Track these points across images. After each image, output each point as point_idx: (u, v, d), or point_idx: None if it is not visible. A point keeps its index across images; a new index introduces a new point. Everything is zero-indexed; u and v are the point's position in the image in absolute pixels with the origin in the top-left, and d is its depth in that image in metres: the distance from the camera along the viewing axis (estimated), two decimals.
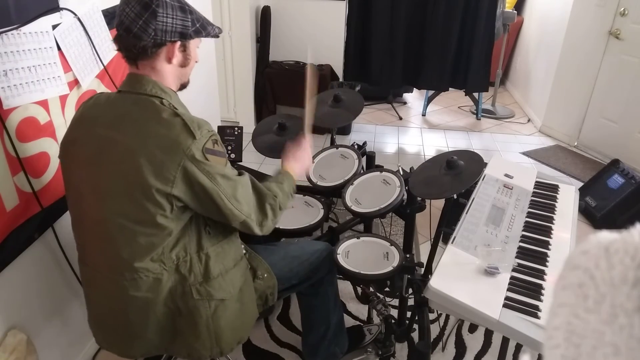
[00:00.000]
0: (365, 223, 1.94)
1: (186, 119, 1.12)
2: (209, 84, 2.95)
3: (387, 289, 1.64)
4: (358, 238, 1.62)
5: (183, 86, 1.29)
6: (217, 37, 1.28)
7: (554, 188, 1.77)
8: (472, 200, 1.58)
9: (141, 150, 1.09)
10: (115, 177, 1.12)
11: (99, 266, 1.22)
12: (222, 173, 1.16)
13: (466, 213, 1.52)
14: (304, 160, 1.56)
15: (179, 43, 1.17)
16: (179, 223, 1.17)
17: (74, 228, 1.27)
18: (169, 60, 1.18)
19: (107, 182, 1.13)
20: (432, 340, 1.96)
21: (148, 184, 1.08)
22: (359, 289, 2.25)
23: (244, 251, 1.41)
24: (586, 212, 2.92)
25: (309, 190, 1.85)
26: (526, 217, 1.56)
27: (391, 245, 1.58)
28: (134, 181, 1.10)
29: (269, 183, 1.34)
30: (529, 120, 4.52)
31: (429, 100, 4.62)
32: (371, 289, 1.90)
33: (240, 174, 1.24)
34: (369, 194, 1.69)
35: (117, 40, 1.15)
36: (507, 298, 1.22)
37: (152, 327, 1.23)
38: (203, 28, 1.20)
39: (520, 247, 1.42)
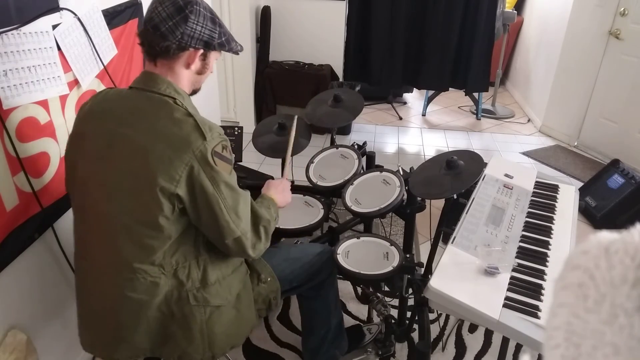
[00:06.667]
0: (365, 223, 1.93)
1: (198, 120, 1.12)
2: (209, 84, 2.94)
3: (386, 288, 1.64)
4: (358, 238, 1.62)
5: (194, 92, 1.30)
6: (237, 54, 1.30)
7: (554, 188, 1.77)
8: (472, 200, 1.58)
9: (152, 147, 1.09)
10: (124, 173, 1.12)
11: (97, 261, 1.21)
12: (226, 181, 1.14)
13: (466, 213, 1.52)
14: (286, 196, 1.54)
15: (201, 51, 1.18)
16: (178, 227, 1.16)
17: (75, 222, 1.26)
18: (188, 66, 1.19)
19: (115, 178, 1.13)
20: (432, 340, 1.95)
21: (155, 181, 1.08)
22: (359, 289, 2.25)
23: None
24: (586, 212, 2.92)
25: (309, 190, 1.84)
26: (526, 217, 1.56)
27: (391, 245, 1.58)
28: (142, 178, 1.09)
29: (258, 207, 1.29)
30: (529, 120, 4.52)
31: (429, 100, 4.62)
32: (371, 289, 1.90)
33: (242, 189, 1.23)
34: (369, 194, 1.68)
35: (142, 34, 1.15)
36: (507, 298, 1.22)
37: (142, 330, 1.21)
38: (227, 42, 1.21)
39: (520, 247, 1.42)
